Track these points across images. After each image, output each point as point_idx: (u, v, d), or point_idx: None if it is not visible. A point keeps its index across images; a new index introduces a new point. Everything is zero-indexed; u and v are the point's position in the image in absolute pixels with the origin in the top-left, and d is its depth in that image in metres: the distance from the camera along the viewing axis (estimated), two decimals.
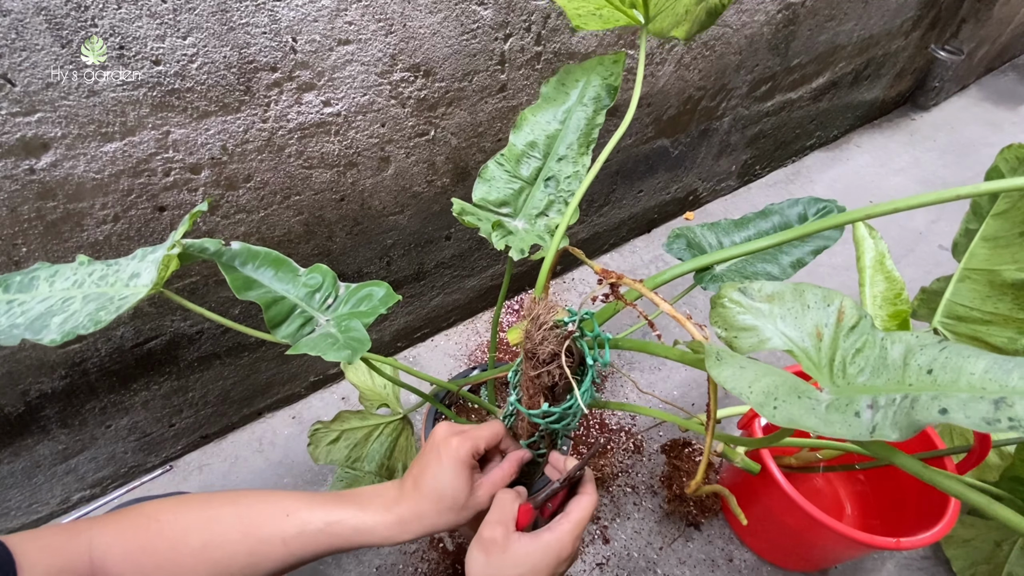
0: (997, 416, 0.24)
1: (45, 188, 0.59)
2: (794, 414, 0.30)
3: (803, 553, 0.84)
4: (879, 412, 0.29)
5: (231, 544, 0.41)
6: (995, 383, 0.27)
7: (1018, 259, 0.57)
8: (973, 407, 0.25)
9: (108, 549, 0.39)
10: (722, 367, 0.35)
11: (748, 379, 0.33)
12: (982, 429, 0.25)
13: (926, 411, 0.26)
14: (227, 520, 0.41)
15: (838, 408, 0.30)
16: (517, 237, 0.56)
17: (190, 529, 0.41)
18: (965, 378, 0.28)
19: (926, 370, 0.31)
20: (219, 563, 0.40)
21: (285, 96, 0.67)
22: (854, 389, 0.34)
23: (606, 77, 0.58)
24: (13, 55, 0.51)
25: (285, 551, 0.41)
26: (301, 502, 0.43)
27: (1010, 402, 0.25)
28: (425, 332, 1.17)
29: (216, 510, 0.42)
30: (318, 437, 0.72)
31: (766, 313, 0.41)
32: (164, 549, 0.40)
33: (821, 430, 0.29)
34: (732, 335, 0.41)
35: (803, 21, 1.23)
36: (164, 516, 0.41)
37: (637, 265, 1.38)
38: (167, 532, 0.40)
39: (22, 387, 0.72)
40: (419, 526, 0.42)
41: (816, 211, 0.72)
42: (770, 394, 0.32)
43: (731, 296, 0.42)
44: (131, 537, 0.40)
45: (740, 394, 0.32)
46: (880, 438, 0.27)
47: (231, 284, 0.50)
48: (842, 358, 0.37)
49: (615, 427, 1.03)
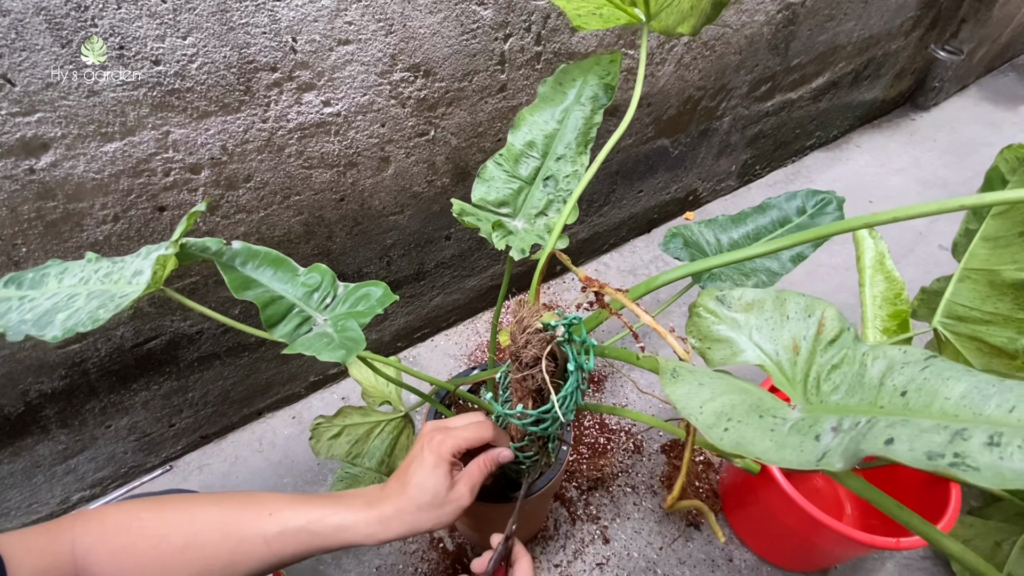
0: (943, 451, 0.22)
1: (45, 188, 0.59)
2: (745, 437, 0.28)
3: (803, 553, 0.84)
4: (839, 436, 0.26)
5: (213, 543, 0.41)
6: (969, 410, 0.24)
7: (1018, 259, 0.56)
8: (923, 439, 0.22)
9: (91, 548, 0.39)
10: (677, 384, 0.33)
11: (702, 399, 0.31)
12: (922, 466, 0.21)
13: (874, 440, 0.23)
14: (209, 520, 0.42)
15: (800, 429, 0.28)
16: (517, 237, 0.56)
17: (172, 529, 0.41)
18: (939, 403, 0.26)
19: (900, 392, 0.28)
20: (201, 562, 0.40)
21: (285, 96, 0.68)
22: (825, 408, 0.31)
23: (603, 77, 0.58)
24: (13, 55, 0.51)
25: (267, 550, 0.41)
26: (284, 502, 0.43)
27: (967, 435, 0.22)
28: (425, 332, 1.17)
29: (199, 510, 0.42)
30: (320, 431, 0.72)
31: (742, 324, 0.39)
32: (146, 548, 0.40)
33: (771, 456, 0.26)
34: (706, 346, 0.39)
35: (803, 21, 1.23)
36: (146, 515, 0.41)
37: (637, 265, 1.38)
38: (149, 531, 0.40)
39: (22, 387, 0.72)
40: (400, 523, 0.42)
41: (815, 203, 0.71)
42: (723, 415, 0.29)
43: (707, 305, 0.40)
44: (113, 536, 0.40)
45: (689, 416, 0.30)
46: (825, 467, 0.24)
47: (229, 284, 0.50)
48: (817, 374, 0.34)
49: (615, 427, 1.03)
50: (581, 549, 0.88)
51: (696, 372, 0.34)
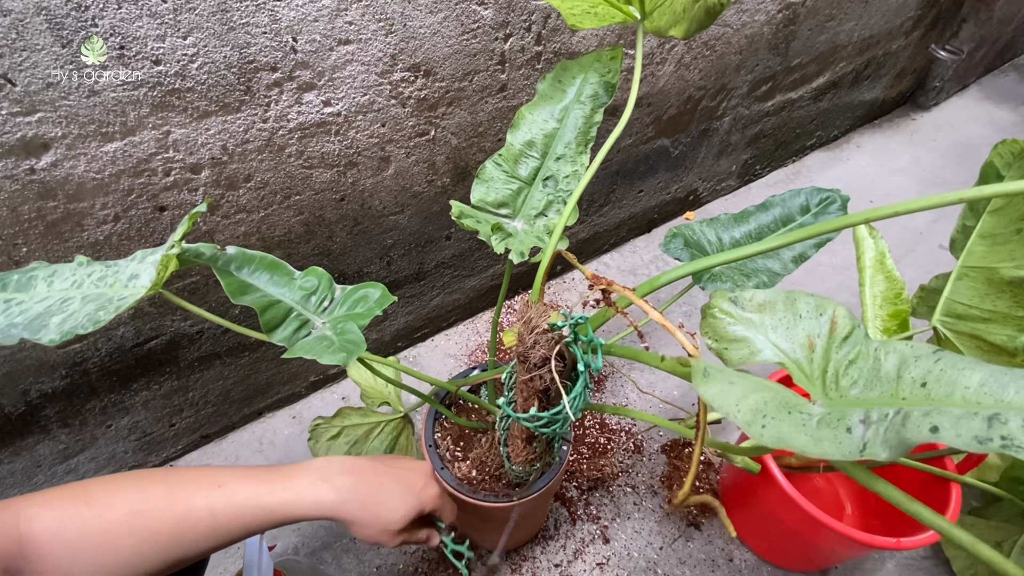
0: (989, 434, 0.23)
1: (45, 188, 0.59)
2: (783, 432, 0.29)
3: (803, 553, 0.84)
4: (871, 428, 0.27)
5: (157, 511, 0.40)
6: (990, 397, 0.26)
7: (1015, 256, 0.56)
8: (965, 425, 0.24)
9: (34, 519, 0.38)
10: (709, 384, 0.33)
11: (736, 396, 0.32)
12: (974, 449, 0.23)
13: (917, 429, 0.25)
14: (156, 490, 0.41)
15: (829, 423, 0.29)
16: (516, 239, 0.55)
17: (117, 498, 0.40)
18: (960, 392, 0.27)
19: (920, 383, 0.29)
20: (146, 530, 0.39)
21: (285, 96, 0.68)
22: (847, 402, 0.32)
23: (604, 74, 0.58)
24: (13, 55, 0.51)
25: (213, 521, 0.41)
26: (237, 475, 0.43)
27: (1003, 419, 0.23)
28: (425, 332, 1.17)
29: (147, 481, 0.42)
30: (319, 432, 0.72)
31: (757, 324, 0.39)
32: (90, 516, 0.39)
33: (810, 449, 0.27)
34: (723, 347, 0.40)
35: (803, 21, 1.23)
36: (94, 488, 0.41)
37: (637, 265, 1.38)
38: (94, 501, 0.40)
39: (22, 387, 0.72)
40: (351, 513, 0.45)
41: (818, 201, 0.70)
42: (759, 411, 0.30)
43: (721, 306, 0.41)
44: (57, 507, 0.39)
45: (727, 413, 0.31)
46: (870, 457, 0.25)
47: (227, 289, 0.50)
48: (835, 370, 0.35)
49: (615, 427, 1.03)
50: (581, 549, 0.88)
51: (725, 371, 0.35)
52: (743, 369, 0.40)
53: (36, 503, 0.39)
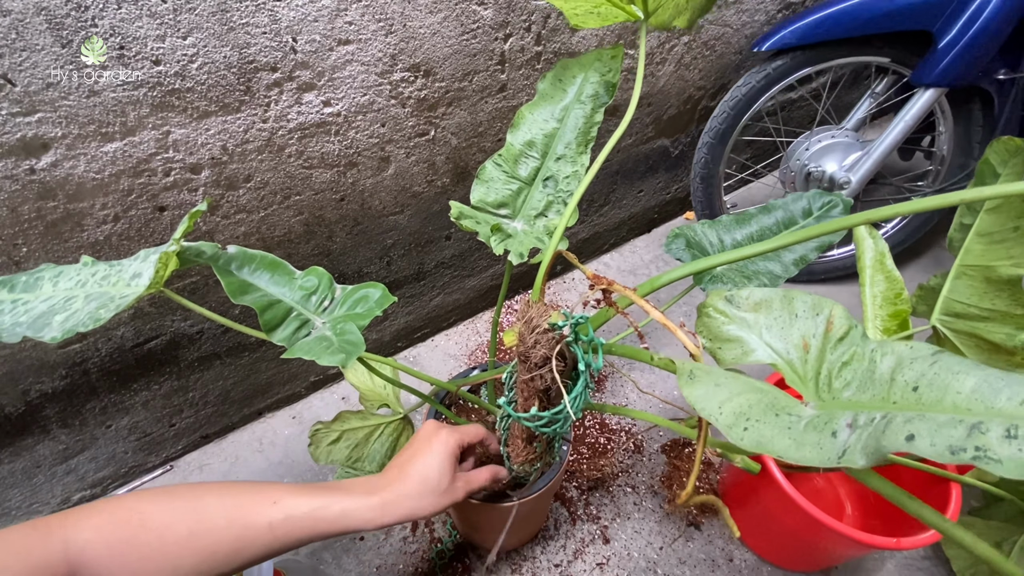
0: (964, 445, 0.22)
1: (45, 188, 0.59)
2: (764, 436, 0.28)
3: (803, 553, 0.84)
4: (855, 432, 0.26)
5: (217, 531, 0.41)
6: (981, 404, 0.25)
7: (1013, 255, 0.56)
8: (943, 434, 0.23)
9: (87, 545, 0.38)
10: (695, 385, 0.33)
11: (720, 399, 0.31)
12: (946, 460, 0.22)
13: (895, 436, 0.24)
14: (213, 508, 0.42)
15: (816, 426, 0.28)
16: (516, 240, 0.55)
17: (176, 518, 0.41)
18: (951, 397, 0.26)
19: (911, 387, 0.28)
20: (205, 550, 0.40)
21: (285, 96, 0.68)
22: (838, 405, 0.31)
23: (604, 73, 0.58)
24: (13, 55, 0.51)
25: (271, 536, 0.42)
26: (287, 491, 0.44)
27: (984, 428, 0.22)
28: (425, 332, 1.17)
29: (202, 500, 0.42)
30: (319, 437, 0.72)
31: (751, 323, 0.39)
32: (149, 540, 0.39)
33: (791, 454, 0.26)
34: (716, 346, 0.39)
35: None
36: (148, 507, 0.41)
37: (638, 265, 1.38)
38: (151, 523, 0.40)
39: (23, 387, 0.72)
40: (399, 508, 0.46)
41: (821, 205, 0.69)
42: (742, 415, 0.30)
43: (716, 305, 0.40)
44: (112, 531, 0.39)
45: (709, 416, 0.30)
46: (847, 464, 0.24)
47: (227, 289, 0.50)
48: (828, 371, 0.34)
49: (615, 427, 1.03)
50: (581, 549, 0.88)
51: (713, 372, 0.34)
52: (738, 369, 0.39)
53: (86, 528, 0.38)
